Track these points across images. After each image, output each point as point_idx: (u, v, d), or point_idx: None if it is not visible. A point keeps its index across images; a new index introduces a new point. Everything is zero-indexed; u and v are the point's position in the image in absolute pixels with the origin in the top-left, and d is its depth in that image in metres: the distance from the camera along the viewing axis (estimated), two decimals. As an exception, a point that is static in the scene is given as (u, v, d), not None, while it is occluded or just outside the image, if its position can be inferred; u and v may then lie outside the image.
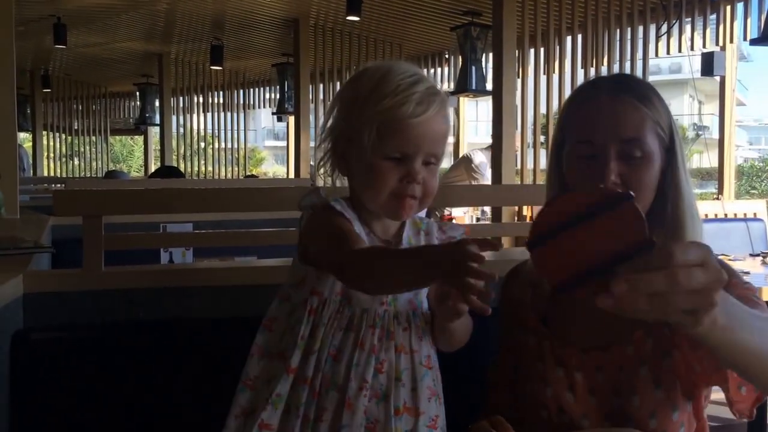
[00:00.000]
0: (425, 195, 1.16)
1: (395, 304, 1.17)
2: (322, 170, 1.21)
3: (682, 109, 28.01)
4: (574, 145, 1.20)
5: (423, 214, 1.30)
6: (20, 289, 1.52)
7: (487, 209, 6.00)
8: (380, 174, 1.13)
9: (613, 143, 1.15)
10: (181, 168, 9.79)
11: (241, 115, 10.35)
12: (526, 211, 5.12)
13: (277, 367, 1.15)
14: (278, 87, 8.77)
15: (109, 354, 1.51)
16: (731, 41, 5.27)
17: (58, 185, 6.99)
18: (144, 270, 1.66)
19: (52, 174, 11.56)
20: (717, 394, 1.17)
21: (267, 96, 10.31)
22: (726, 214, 4.65)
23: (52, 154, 11.97)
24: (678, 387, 1.16)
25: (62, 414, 1.45)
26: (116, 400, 1.49)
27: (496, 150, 5.00)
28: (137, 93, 10.56)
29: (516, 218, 5.24)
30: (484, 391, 1.40)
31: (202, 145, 10.97)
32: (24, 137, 12.15)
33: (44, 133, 11.59)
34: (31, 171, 10.13)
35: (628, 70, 5.33)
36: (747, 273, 2.68)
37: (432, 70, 8.16)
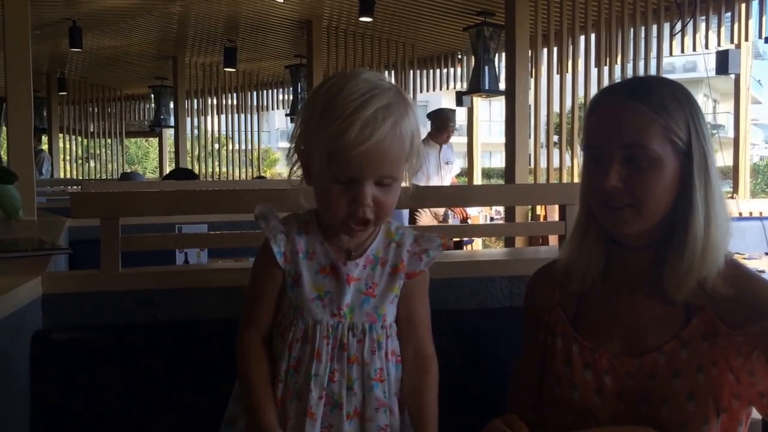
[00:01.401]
0: (378, 216, 1.16)
1: (351, 315, 1.20)
2: (294, 176, 1.22)
3: (697, 107, 27.77)
4: (585, 149, 1.23)
5: (405, 220, 1.32)
6: (39, 290, 1.54)
7: (501, 209, 6.00)
8: (331, 197, 1.14)
9: (615, 148, 1.16)
10: (196, 169, 9.85)
11: (255, 116, 10.39)
12: (540, 210, 5.11)
13: None
14: (291, 88, 8.80)
15: (127, 354, 1.53)
16: (746, 39, 5.24)
17: (75, 187, 7.04)
18: (160, 271, 1.68)
19: (68, 176, 11.64)
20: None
21: (280, 97, 10.35)
22: (741, 213, 4.62)
23: (68, 157, 12.06)
24: (711, 401, 1.15)
25: (81, 412, 1.47)
26: (134, 399, 1.50)
27: (509, 149, 4.99)
28: (152, 95, 10.63)
29: (529, 217, 5.23)
30: (506, 392, 1.40)
31: (216, 146, 11.02)
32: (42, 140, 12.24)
33: (60, 135, 11.68)
34: (50, 176, 10.20)
35: (641, 69, 5.31)
36: (762, 272, 2.66)
37: (445, 71, 8.17)
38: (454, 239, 4.36)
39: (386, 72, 8.10)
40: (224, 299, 1.63)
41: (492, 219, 6.90)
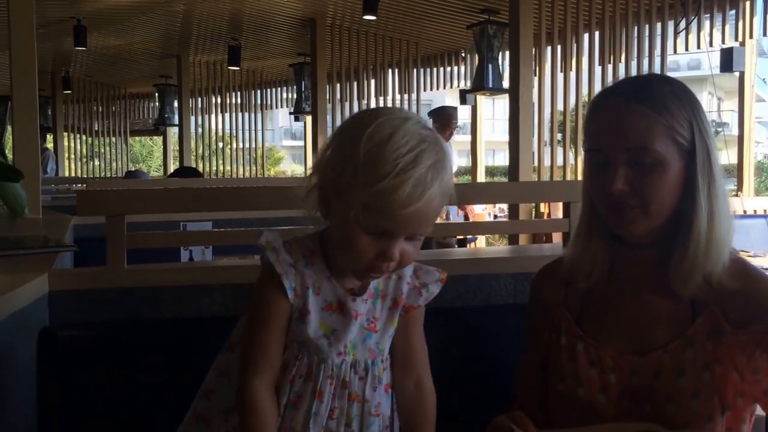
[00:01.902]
0: (400, 266, 1.11)
1: (354, 352, 1.15)
2: (307, 201, 1.14)
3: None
4: (589, 154, 1.23)
5: None
6: (45, 287, 1.55)
7: (505, 207, 6.00)
8: (357, 246, 1.06)
9: (620, 151, 1.17)
10: (200, 168, 9.86)
11: (259, 115, 10.40)
12: (543, 208, 5.12)
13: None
14: (295, 87, 8.81)
15: (132, 350, 1.53)
16: (751, 36, 5.23)
17: (79, 185, 7.06)
18: (166, 268, 1.69)
19: (72, 175, 11.67)
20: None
21: (284, 96, 10.35)
22: (745, 211, 4.62)
23: (72, 155, 12.09)
24: (716, 399, 1.16)
25: (87, 408, 1.47)
26: (139, 396, 1.51)
27: (512, 147, 4.99)
28: (156, 94, 10.64)
29: (533, 215, 5.23)
30: (510, 388, 1.41)
31: (221, 145, 11.04)
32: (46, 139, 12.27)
33: (65, 134, 11.70)
34: (55, 175, 10.22)
35: (646, 67, 5.30)
36: (767, 269, 2.66)
37: (449, 69, 8.17)
38: (458, 237, 4.37)
39: (390, 70, 8.10)
40: (229, 296, 1.63)
41: (496, 217, 6.90)
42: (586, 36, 5.69)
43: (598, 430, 1.12)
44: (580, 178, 1.88)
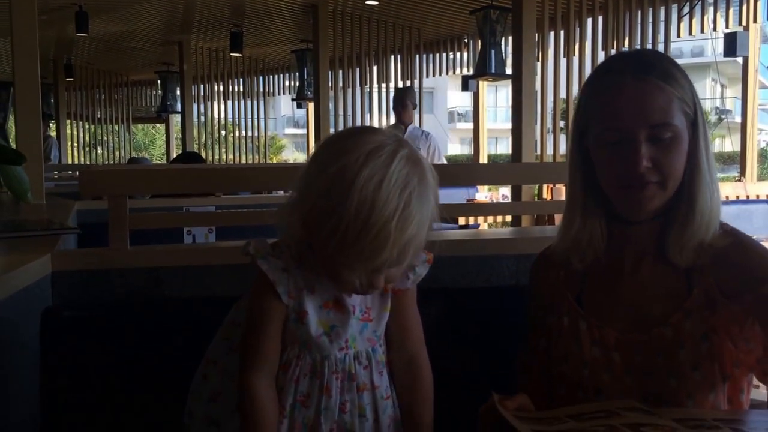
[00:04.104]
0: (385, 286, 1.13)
1: (355, 344, 1.16)
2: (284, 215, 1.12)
3: (705, 92, 27.69)
4: (602, 132, 1.19)
5: None
6: (48, 268, 1.55)
7: (507, 193, 5.99)
8: (343, 278, 1.08)
9: (642, 128, 1.14)
10: (203, 156, 9.85)
11: (261, 102, 10.40)
12: (546, 193, 5.11)
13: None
14: (298, 73, 8.79)
15: (135, 330, 1.54)
16: (755, 21, 5.21)
17: (82, 172, 7.05)
18: (169, 249, 1.69)
19: (76, 163, 11.69)
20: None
21: (286, 83, 10.34)
22: (748, 196, 4.62)
23: (75, 144, 12.09)
24: (716, 369, 1.16)
25: (90, 388, 1.48)
26: (142, 376, 1.52)
27: (515, 134, 4.99)
28: (158, 81, 10.63)
29: (535, 199, 5.23)
30: (511, 370, 1.41)
31: (223, 133, 11.03)
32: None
33: (68, 122, 11.70)
34: (58, 162, 10.23)
35: (649, 53, 5.28)
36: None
37: (451, 55, 8.14)
38: (460, 222, 4.38)
39: (392, 57, 8.08)
40: (232, 276, 1.64)
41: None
42: (590, 21, 5.67)
43: (584, 409, 1.12)
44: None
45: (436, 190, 1.09)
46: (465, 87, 7.31)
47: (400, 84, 8.07)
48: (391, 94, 8.12)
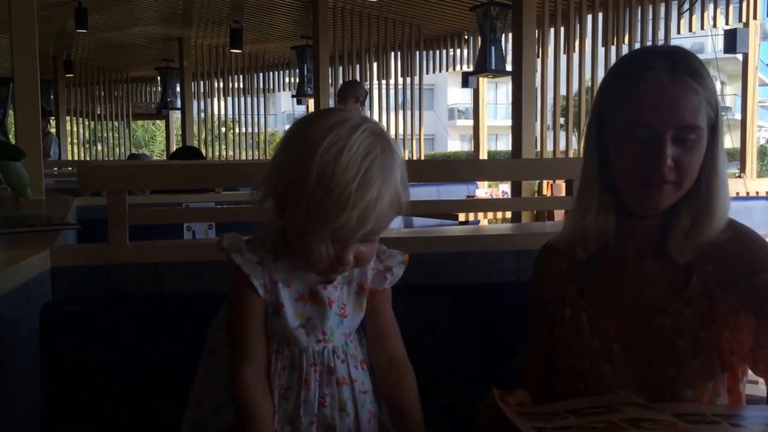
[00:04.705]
0: (358, 266, 1.13)
1: (332, 338, 1.17)
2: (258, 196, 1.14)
3: (705, 89, 27.61)
4: (630, 128, 1.18)
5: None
6: (48, 263, 1.55)
7: (507, 189, 5.99)
8: (314, 254, 1.08)
9: (670, 129, 1.14)
10: (202, 152, 9.84)
11: (261, 99, 10.39)
12: (546, 190, 5.11)
13: (225, 397, 1.17)
14: (298, 70, 8.78)
15: (135, 326, 1.54)
16: (755, 17, 5.20)
17: (82, 169, 7.04)
18: (168, 244, 1.69)
19: (75, 159, 11.67)
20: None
21: (286, 80, 10.33)
22: (748, 192, 4.63)
23: (75, 140, 12.08)
24: (715, 357, 1.17)
25: (90, 383, 1.49)
26: (141, 371, 1.52)
27: (515, 131, 4.98)
28: (158, 77, 10.62)
29: (535, 196, 5.23)
30: (512, 365, 1.41)
31: (223, 129, 11.02)
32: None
33: (68, 118, 11.70)
34: (58, 159, 10.22)
35: (649, 49, 5.27)
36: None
37: (451, 51, 8.13)
38: (460, 219, 4.37)
39: (392, 53, 8.07)
40: (231, 272, 1.63)
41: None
42: (590, 18, 5.66)
43: (583, 404, 1.13)
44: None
45: (403, 165, 1.11)
46: (465, 84, 7.31)
47: (401, 81, 8.07)
48: (392, 91, 8.14)
